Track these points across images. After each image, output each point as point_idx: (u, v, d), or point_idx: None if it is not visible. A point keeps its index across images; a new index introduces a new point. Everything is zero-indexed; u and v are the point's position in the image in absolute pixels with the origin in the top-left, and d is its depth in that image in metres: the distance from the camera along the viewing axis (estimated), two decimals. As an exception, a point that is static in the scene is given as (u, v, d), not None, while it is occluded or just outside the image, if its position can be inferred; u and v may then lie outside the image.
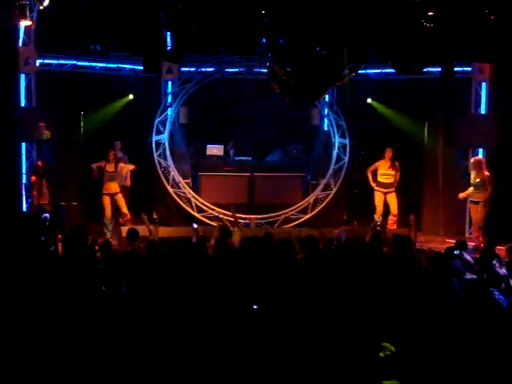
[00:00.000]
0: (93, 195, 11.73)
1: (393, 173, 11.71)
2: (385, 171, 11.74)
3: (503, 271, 6.77)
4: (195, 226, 9.33)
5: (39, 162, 10.94)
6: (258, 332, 4.61)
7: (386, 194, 11.77)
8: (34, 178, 10.77)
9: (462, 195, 10.92)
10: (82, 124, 11.46)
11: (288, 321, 4.76)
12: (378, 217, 11.69)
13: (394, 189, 11.77)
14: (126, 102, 12.29)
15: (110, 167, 11.39)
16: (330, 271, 5.95)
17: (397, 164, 11.74)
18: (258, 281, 5.46)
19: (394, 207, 11.75)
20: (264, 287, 5.34)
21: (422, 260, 6.89)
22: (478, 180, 10.67)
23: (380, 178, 11.77)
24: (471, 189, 10.75)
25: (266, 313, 4.90)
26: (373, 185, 11.82)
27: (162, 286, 5.24)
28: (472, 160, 11.01)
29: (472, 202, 10.90)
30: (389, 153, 11.71)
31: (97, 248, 7.33)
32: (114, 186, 11.44)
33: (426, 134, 12.06)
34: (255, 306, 4.99)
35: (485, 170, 10.72)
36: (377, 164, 11.80)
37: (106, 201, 11.39)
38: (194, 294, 5.11)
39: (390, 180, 11.74)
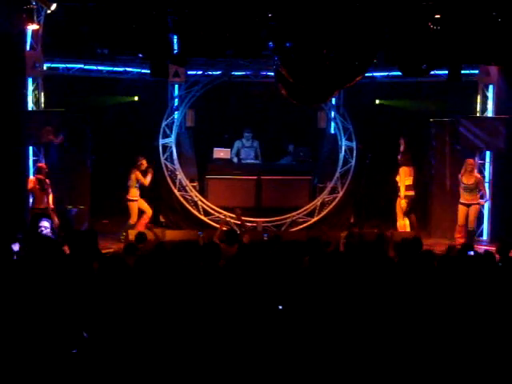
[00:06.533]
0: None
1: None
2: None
3: None
4: (200, 234, 9.49)
5: (42, 164, 10.50)
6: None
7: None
8: (34, 180, 10.16)
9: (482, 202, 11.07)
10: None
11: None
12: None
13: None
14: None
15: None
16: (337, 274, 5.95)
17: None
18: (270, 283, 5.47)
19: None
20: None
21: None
22: (470, 183, 10.75)
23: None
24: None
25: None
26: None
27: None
28: (466, 162, 10.99)
29: (462, 203, 10.88)
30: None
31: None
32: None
33: (433, 137, 12.04)
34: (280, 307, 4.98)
35: (476, 173, 10.88)
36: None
37: (137, 206, 11.31)
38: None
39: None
